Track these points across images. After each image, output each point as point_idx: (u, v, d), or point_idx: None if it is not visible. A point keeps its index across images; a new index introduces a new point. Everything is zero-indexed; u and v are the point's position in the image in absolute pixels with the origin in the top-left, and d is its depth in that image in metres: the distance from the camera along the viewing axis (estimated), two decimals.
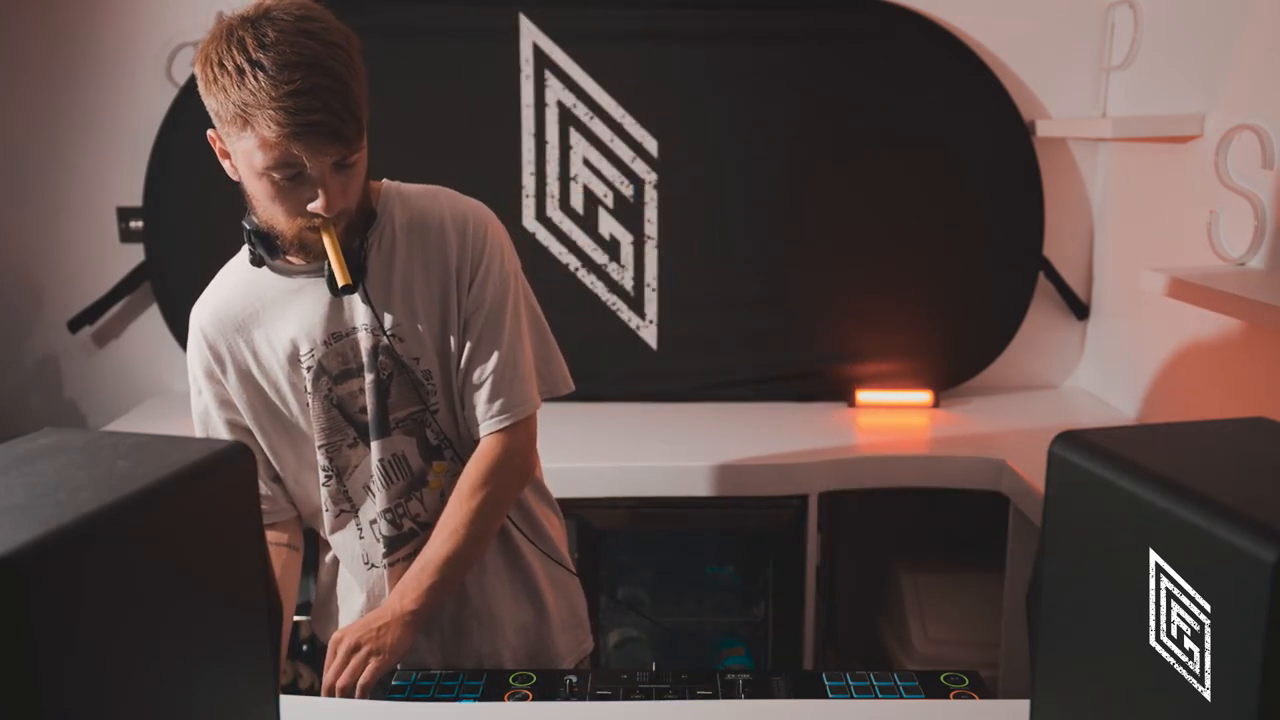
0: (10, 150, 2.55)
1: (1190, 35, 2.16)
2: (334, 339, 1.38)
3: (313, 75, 1.16)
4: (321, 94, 1.17)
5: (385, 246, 1.37)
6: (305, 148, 1.19)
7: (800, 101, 2.48)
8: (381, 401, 1.39)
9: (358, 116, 1.22)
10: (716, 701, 1.30)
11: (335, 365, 1.39)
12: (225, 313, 1.42)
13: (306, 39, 1.17)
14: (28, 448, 0.80)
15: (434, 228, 1.39)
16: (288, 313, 1.38)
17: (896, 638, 2.45)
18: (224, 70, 1.17)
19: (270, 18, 1.18)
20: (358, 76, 1.22)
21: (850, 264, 2.54)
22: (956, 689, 1.31)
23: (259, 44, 1.16)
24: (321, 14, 1.22)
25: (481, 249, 1.39)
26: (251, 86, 1.16)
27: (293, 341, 1.38)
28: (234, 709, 0.85)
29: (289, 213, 1.26)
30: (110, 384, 2.68)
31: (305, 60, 1.16)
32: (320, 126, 1.18)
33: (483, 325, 1.39)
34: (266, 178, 1.23)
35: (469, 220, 1.40)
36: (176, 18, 2.48)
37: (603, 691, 1.33)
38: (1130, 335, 2.44)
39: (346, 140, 1.21)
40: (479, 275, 1.39)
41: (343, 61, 1.20)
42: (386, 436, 1.40)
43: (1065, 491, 0.83)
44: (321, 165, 1.22)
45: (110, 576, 0.69)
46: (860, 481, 2.19)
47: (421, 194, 1.42)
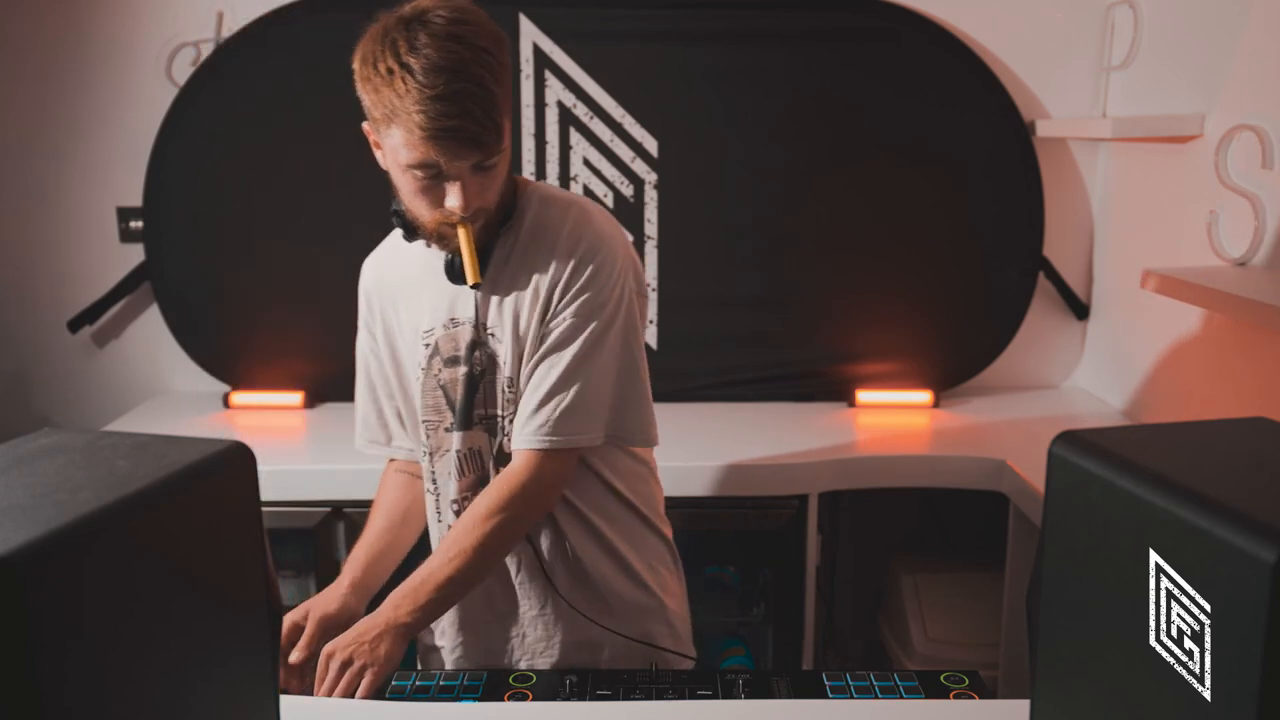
0: (10, 150, 2.55)
1: (1190, 35, 2.16)
2: (451, 324, 1.42)
3: (455, 81, 1.20)
4: (462, 99, 1.21)
5: (506, 247, 1.40)
6: (443, 151, 1.24)
7: (800, 101, 2.48)
8: (470, 395, 1.41)
9: (497, 122, 1.25)
10: (716, 701, 1.30)
11: (448, 349, 1.43)
12: (380, 274, 1.51)
13: (455, 44, 1.21)
14: (28, 448, 0.80)
15: (549, 241, 1.39)
16: (426, 290, 1.44)
17: (896, 638, 2.45)
18: (376, 70, 1.24)
19: (424, 20, 1.23)
20: (501, 81, 1.26)
21: (850, 264, 2.54)
22: (956, 689, 1.31)
23: (410, 47, 1.21)
24: (474, 17, 1.26)
25: (583, 272, 1.37)
26: (399, 89, 1.21)
27: (422, 313, 1.44)
28: (234, 709, 0.85)
29: (429, 207, 1.31)
30: (110, 384, 2.68)
31: (451, 65, 1.20)
32: (459, 132, 1.22)
33: (554, 341, 1.38)
34: (409, 174, 1.28)
35: (583, 242, 1.38)
36: (176, 18, 2.48)
37: (603, 691, 1.33)
38: (1130, 335, 2.44)
39: (484, 146, 1.25)
40: (569, 295, 1.37)
41: (488, 67, 1.23)
42: (468, 430, 1.43)
43: (1065, 491, 0.83)
44: (459, 167, 1.26)
45: (110, 576, 0.69)
46: (860, 481, 2.19)
47: (556, 202, 1.42)
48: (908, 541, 2.67)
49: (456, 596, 1.39)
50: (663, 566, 1.56)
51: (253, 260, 2.53)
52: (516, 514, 1.37)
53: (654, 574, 1.54)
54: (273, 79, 2.45)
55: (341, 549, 2.18)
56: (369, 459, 2.16)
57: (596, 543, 1.48)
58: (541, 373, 1.38)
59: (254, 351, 2.56)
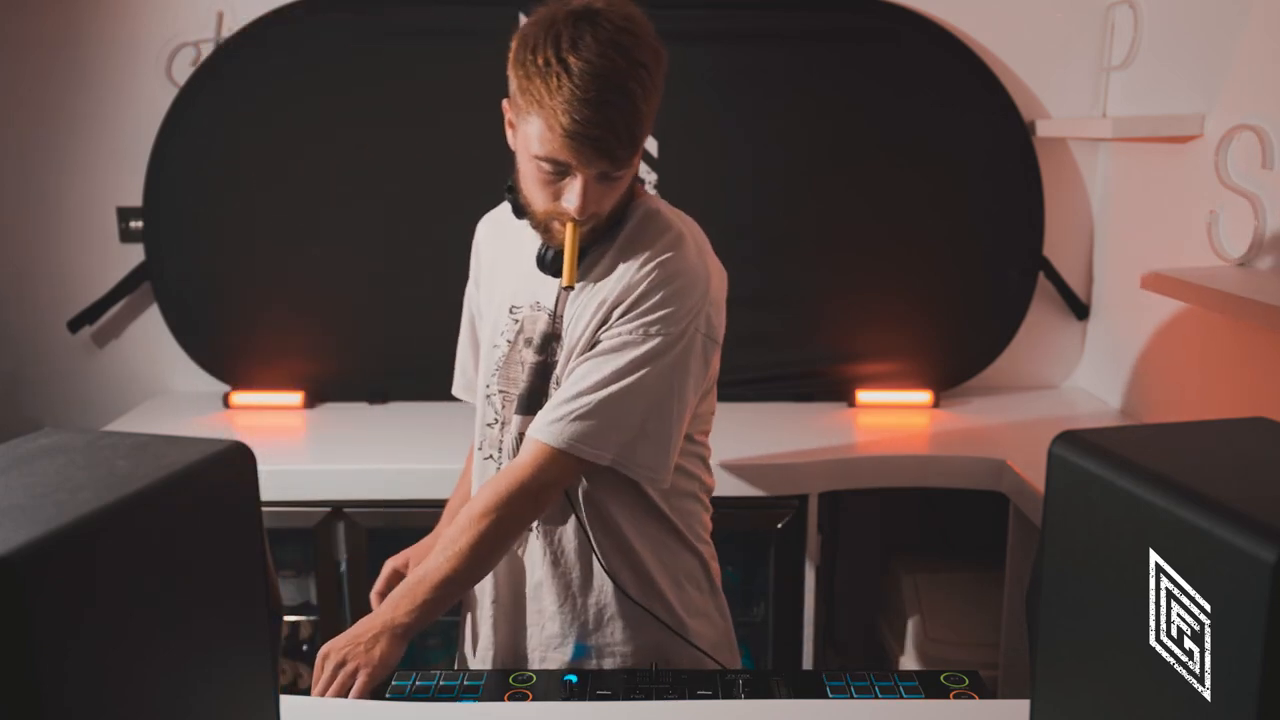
0: (10, 150, 2.55)
1: (1190, 35, 2.16)
2: (539, 307, 1.43)
3: (607, 92, 1.20)
4: (608, 110, 1.21)
5: (598, 253, 1.40)
6: (576, 155, 1.24)
7: (800, 101, 2.48)
8: (542, 384, 1.42)
9: (635, 137, 1.25)
10: (716, 701, 1.30)
11: (530, 329, 1.44)
12: (497, 220, 1.55)
13: (616, 53, 1.21)
14: (28, 448, 0.80)
15: (635, 256, 1.37)
16: (524, 261, 1.44)
17: (896, 638, 2.45)
18: (533, 56, 1.23)
19: (593, 21, 1.22)
20: (650, 98, 1.26)
21: (850, 264, 2.54)
22: (956, 689, 1.31)
23: (572, 45, 1.21)
24: (641, 28, 1.25)
25: (653, 296, 1.34)
26: (551, 84, 1.21)
27: (516, 288, 1.45)
28: (234, 709, 0.85)
29: (546, 199, 1.32)
30: (110, 384, 2.68)
31: (607, 74, 1.20)
32: (598, 141, 1.22)
33: (602, 349, 1.36)
34: (536, 164, 1.29)
35: (664, 268, 1.34)
36: (176, 18, 2.48)
37: (603, 692, 1.33)
38: (1130, 335, 2.44)
39: (617, 159, 1.26)
40: (632, 313, 1.35)
41: (642, 81, 1.23)
42: (529, 415, 1.42)
43: (1065, 491, 0.83)
44: (587, 172, 1.26)
45: (110, 576, 0.69)
46: (860, 481, 2.19)
47: (658, 221, 1.40)
48: (908, 541, 2.67)
49: (454, 596, 1.38)
50: (693, 586, 1.52)
51: (253, 260, 2.53)
52: (512, 512, 1.36)
53: (679, 592, 1.50)
54: (273, 79, 2.45)
55: (342, 549, 2.19)
56: (369, 459, 2.18)
57: (622, 555, 1.46)
58: (581, 373, 1.36)
59: (254, 351, 2.56)
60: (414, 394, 2.58)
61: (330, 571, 2.21)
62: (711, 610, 1.55)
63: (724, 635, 1.57)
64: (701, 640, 1.50)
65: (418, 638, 2.48)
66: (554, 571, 1.47)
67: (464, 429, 2.46)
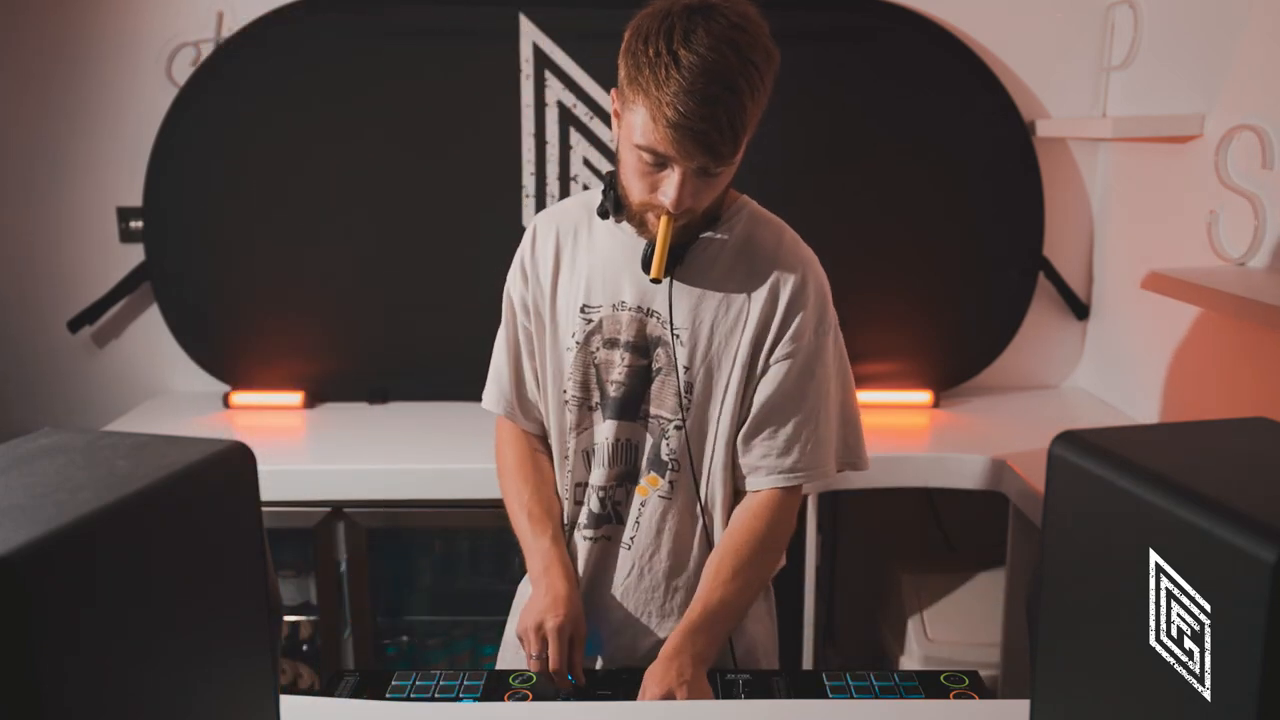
0: (10, 150, 2.55)
1: (1190, 35, 2.16)
2: (623, 307, 1.41)
3: (714, 86, 1.20)
4: (714, 105, 1.20)
5: (712, 253, 1.40)
6: (677, 147, 1.24)
7: (800, 101, 2.48)
8: (642, 389, 1.41)
9: (738, 136, 1.25)
10: (716, 701, 1.30)
11: (611, 330, 1.41)
12: (563, 218, 1.48)
13: (728, 49, 1.21)
14: (28, 448, 0.80)
15: (765, 259, 1.40)
16: (603, 257, 1.42)
17: (896, 638, 2.45)
18: (645, 47, 1.23)
19: (708, 15, 1.22)
20: (758, 97, 1.26)
21: (850, 264, 2.53)
22: (956, 689, 1.31)
23: (685, 38, 1.20)
24: (756, 26, 1.25)
25: (804, 301, 1.38)
26: (660, 75, 1.20)
27: (590, 286, 1.42)
28: (234, 709, 0.85)
29: (644, 189, 1.31)
30: (110, 384, 2.68)
31: (717, 69, 1.20)
32: (701, 135, 1.22)
33: (790, 376, 1.38)
34: (638, 153, 1.28)
35: (801, 267, 1.39)
36: (176, 18, 2.48)
37: (603, 692, 1.33)
38: (1130, 335, 2.44)
39: (719, 155, 1.25)
40: (794, 325, 1.38)
41: (751, 80, 1.23)
42: (630, 421, 1.42)
43: (1065, 491, 0.83)
44: (686, 166, 1.26)
45: (110, 576, 0.69)
46: (860, 481, 2.19)
47: (767, 222, 1.44)
48: (908, 541, 2.67)
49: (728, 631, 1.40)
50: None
51: (253, 260, 2.53)
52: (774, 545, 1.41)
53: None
54: (273, 79, 2.45)
55: (342, 549, 2.19)
56: (369, 459, 2.18)
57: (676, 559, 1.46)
58: (781, 410, 1.38)
59: (254, 351, 2.56)
60: (414, 394, 2.58)
61: (330, 571, 2.21)
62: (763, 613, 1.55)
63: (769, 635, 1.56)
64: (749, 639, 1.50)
65: (418, 638, 2.49)
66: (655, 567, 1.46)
67: (464, 429, 2.46)
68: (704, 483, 1.42)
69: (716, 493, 1.42)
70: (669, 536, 1.44)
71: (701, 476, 1.42)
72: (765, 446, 1.39)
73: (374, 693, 1.33)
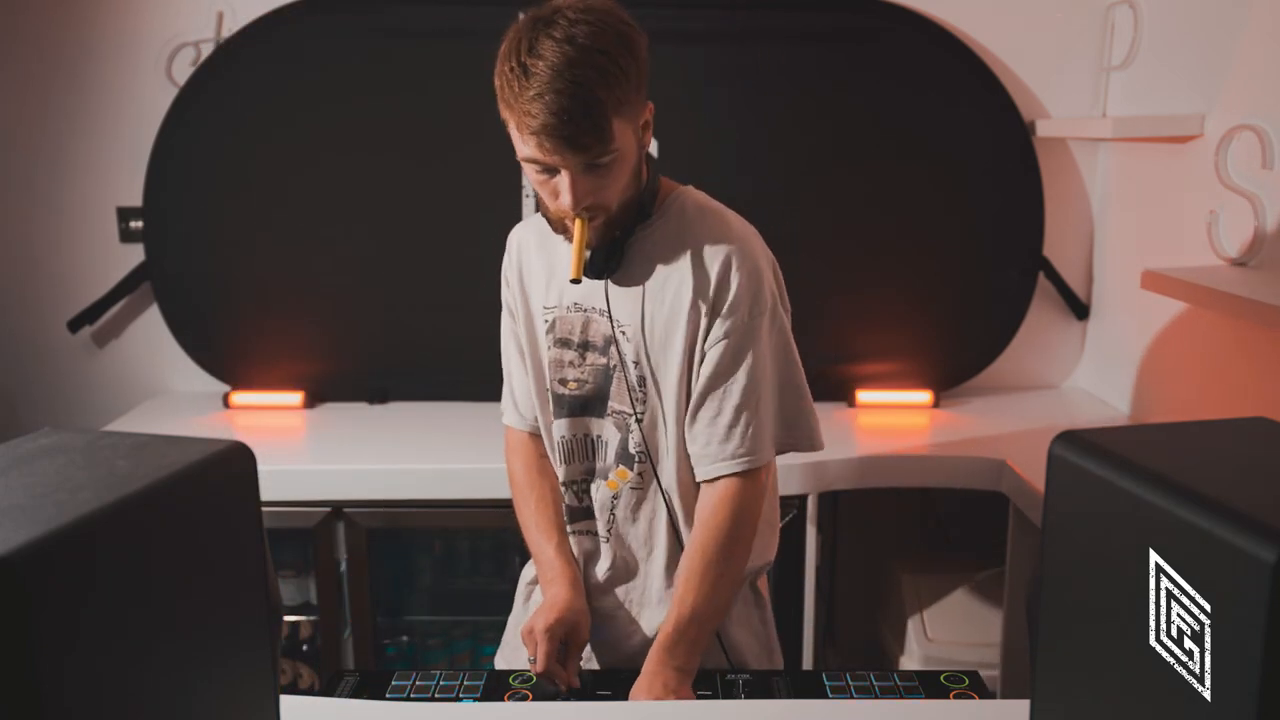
0: (10, 150, 2.55)
1: (1190, 35, 2.16)
2: (575, 308, 1.44)
3: (560, 83, 1.22)
4: (560, 98, 1.22)
5: (647, 248, 1.40)
6: (544, 149, 1.26)
7: (800, 101, 2.48)
8: (605, 386, 1.43)
9: (598, 123, 1.24)
10: (716, 701, 1.30)
11: (564, 330, 1.45)
12: (529, 228, 1.53)
13: (568, 46, 1.23)
14: (28, 448, 0.80)
15: (697, 245, 1.40)
16: (556, 262, 1.45)
17: (896, 638, 2.45)
18: (505, 65, 1.27)
19: (549, 21, 1.25)
20: (613, 82, 1.25)
21: (850, 264, 2.54)
22: (956, 689, 1.31)
23: (530, 47, 1.24)
24: (601, 18, 1.26)
25: (734, 282, 1.38)
26: (516, 86, 1.24)
27: (548, 289, 1.47)
28: (234, 709, 0.85)
29: (548, 198, 1.34)
30: (110, 384, 2.68)
31: (561, 67, 1.22)
32: (554, 130, 1.23)
33: (724, 360, 1.38)
34: (527, 166, 1.32)
35: (731, 248, 1.39)
36: (176, 18, 2.48)
37: (603, 692, 1.34)
38: (1130, 335, 2.44)
39: (581, 145, 1.25)
40: (725, 307, 1.38)
41: (599, 67, 1.23)
42: (596, 418, 1.45)
43: (1065, 491, 0.83)
44: (566, 166, 1.27)
45: (110, 576, 0.69)
46: (860, 481, 2.19)
47: (702, 208, 1.44)
48: (908, 541, 2.67)
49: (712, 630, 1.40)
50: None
51: (252, 260, 2.53)
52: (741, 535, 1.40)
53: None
54: (273, 79, 2.45)
55: (342, 549, 2.18)
56: (369, 459, 2.18)
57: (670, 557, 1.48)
58: (718, 396, 1.39)
59: (254, 351, 2.56)
60: (414, 394, 2.58)
61: (330, 571, 2.21)
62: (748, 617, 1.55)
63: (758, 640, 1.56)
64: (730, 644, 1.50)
65: (419, 638, 2.48)
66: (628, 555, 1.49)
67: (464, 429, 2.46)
68: (663, 474, 1.43)
69: (674, 480, 1.43)
70: (643, 527, 1.46)
71: (660, 467, 1.43)
72: (707, 433, 1.40)
73: (374, 693, 1.33)
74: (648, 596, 1.49)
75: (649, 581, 1.48)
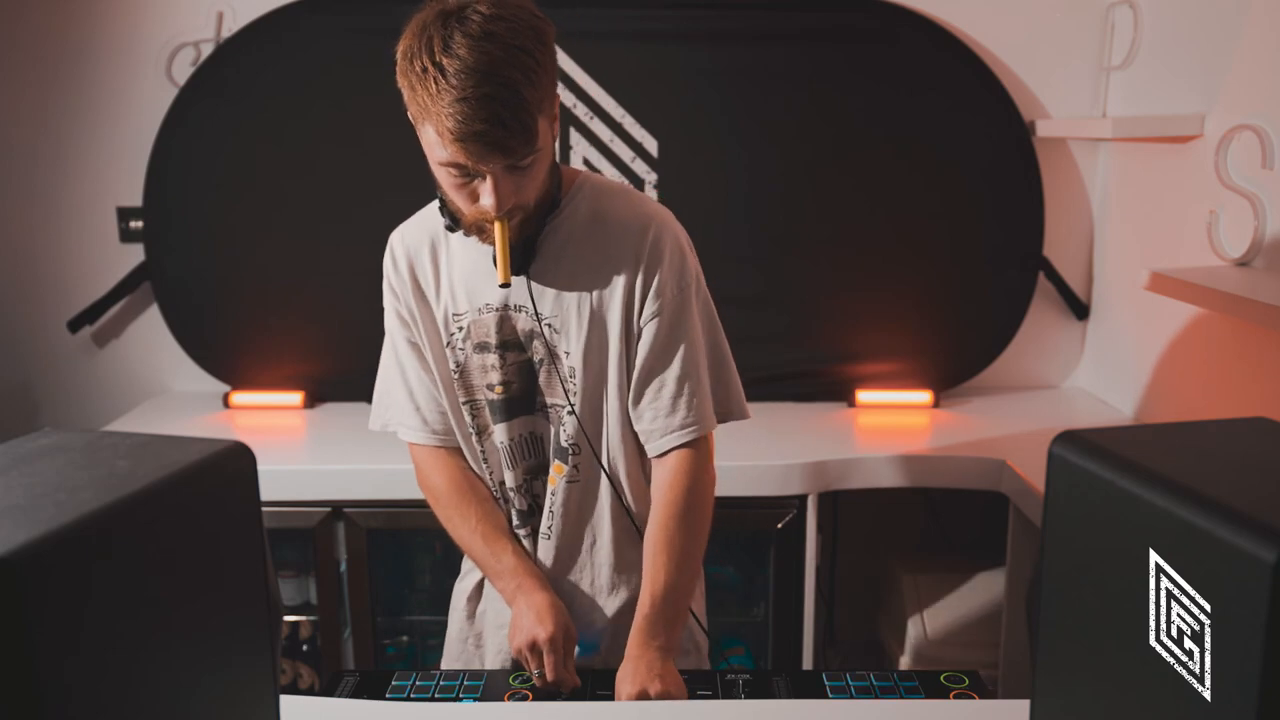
0: (10, 150, 2.55)
1: (1190, 35, 2.16)
2: (487, 310, 1.41)
3: (485, 84, 1.18)
4: (490, 103, 1.19)
5: (561, 237, 1.39)
6: (470, 154, 1.22)
7: (800, 101, 2.48)
8: (530, 383, 1.42)
9: (526, 125, 1.22)
10: (716, 701, 1.30)
11: (479, 334, 1.42)
12: (418, 236, 1.47)
13: (489, 43, 1.19)
14: (28, 448, 0.80)
15: (614, 228, 1.39)
16: (461, 266, 1.42)
17: (896, 638, 2.45)
18: (412, 66, 1.23)
19: (462, 17, 1.21)
20: (537, 81, 1.22)
21: (850, 264, 2.54)
22: (956, 689, 1.31)
23: (444, 46, 1.20)
24: (514, 13, 1.23)
25: (660, 258, 1.38)
26: (430, 89, 1.20)
27: (455, 295, 1.42)
28: (234, 709, 0.85)
29: (465, 202, 1.30)
30: (110, 384, 2.68)
31: (482, 68, 1.18)
32: (484, 136, 1.20)
33: (660, 335, 1.38)
34: (444, 170, 1.28)
35: (651, 225, 1.39)
36: (176, 18, 2.48)
37: (603, 692, 1.33)
38: (1130, 335, 2.44)
39: (510, 150, 1.23)
40: (654, 284, 1.37)
41: (522, 67, 1.21)
42: (528, 415, 1.43)
43: (1065, 491, 0.83)
44: (490, 168, 1.25)
45: (110, 576, 0.69)
46: (860, 481, 2.19)
47: (610, 191, 1.43)
48: (908, 541, 2.67)
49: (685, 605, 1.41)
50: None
51: (253, 260, 2.53)
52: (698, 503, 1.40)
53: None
54: (273, 79, 2.45)
55: (341, 549, 2.19)
56: (369, 459, 2.18)
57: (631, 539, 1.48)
58: (660, 370, 1.39)
59: (254, 351, 2.56)
60: None
61: (330, 571, 2.21)
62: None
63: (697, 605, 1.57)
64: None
65: (419, 638, 2.48)
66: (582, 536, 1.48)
67: None
68: (605, 458, 1.43)
69: (620, 465, 1.43)
70: (585, 517, 1.46)
71: (602, 453, 1.43)
72: (653, 409, 1.40)
73: (374, 693, 1.33)
74: (597, 587, 1.48)
75: (596, 572, 1.48)
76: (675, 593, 1.36)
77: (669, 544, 1.37)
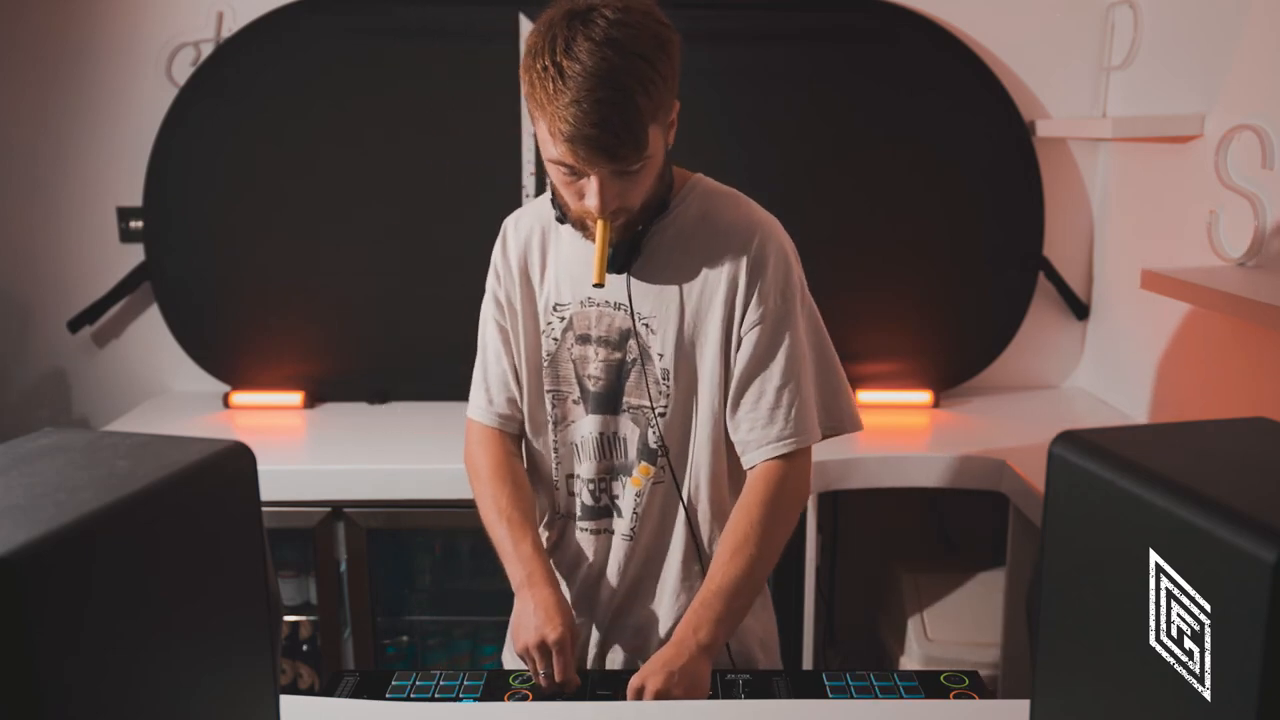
0: (10, 150, 2.55)
1: (1190, 35, 2.16)
2: (590, 303, 1.41)
3: (601, 91, 1.19)
4: (602, 108, 1.19)
5: (668, 239, 1.39)
6: (577, 156, 1.23)
7: (800, 101, 2.48)
8: (619, 382, 1.41)
9: (637, 133, 1.22)
10: (717, 701, 1.30)
11: (583, 326, 1.42)
12: (530, 223, 1.48)
13: (610, 49, 1.19)
14: (28, 448, 0.80)
15: (721, 233, 1.39)
16: (568, 256, 1.43)
17: (896, 638, 2.45)
18: (535, 63, 1.23)
19: (587, 20, 1.21)
20: (653, 90, 1.23)
21: (850, 264, 2.54)
22: (956, 689, 1.31)
23: (566, 47, 1.20)
24: (639, 19, 1.23)
25: (765, 265, 1.37)
26: (549, 88, 1.20)
27: (560, 285, 1.43)
28: (234, 709, 0.85)
29: (571, 198, 1.32)
30: (110, 384, 2.68)
31: (598, 72, 1.19)
32: (594, 141, 1.21)
33: (761, 344, 1.38)
34: (553, 166, 1.29)
35: (757, 232, 1.39)
36: (176, 18, 2.48)
37: (603, 692, 1.33)
38: (1130, 335, 2.44)
39: (618, 156, 1.23)
40: (758, 292, 1.37)
41: (639, 75, 1.21)
42: (612, 415, 1.43)
43: (1065, 491, 0.83)
44: (597, 172, 1.25)
45: (110, 576, 0.69)
46: (860, 481, 2.19)
47: (721, 196, 1.43)
48: (908, 541, 2.66)
49: (744, 608, 1.38)
50: None
51: (252, 260, 2.53)
52: (780, 514, 1.38)
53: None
54: (273, 79, 2.45)
55: (341, 549, 2.18)
56: (369, 459, 2.18)
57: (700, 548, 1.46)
58: (759, 380, 1.38)
59: (254, 351, 2.56)
60: (414, 394, 2.58)
61: (330, 571, 2.21)
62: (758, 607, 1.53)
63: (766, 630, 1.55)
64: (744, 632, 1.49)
65: (419, 638, 2.48)
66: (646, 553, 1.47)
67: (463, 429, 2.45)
68: (688, 467, 1.43)
69: (702, 474, 1.42)
70: (666, 523, 1.45)
71: (686, 461, 1.42)
72: (750, 419, 1.39)
73: (374, 693, 1.33)
74: (662, 593, 1.47)
75: (664, 579, 1.47)
76: (732, 594, 1.34)
77: (740, 547, 1.35)
